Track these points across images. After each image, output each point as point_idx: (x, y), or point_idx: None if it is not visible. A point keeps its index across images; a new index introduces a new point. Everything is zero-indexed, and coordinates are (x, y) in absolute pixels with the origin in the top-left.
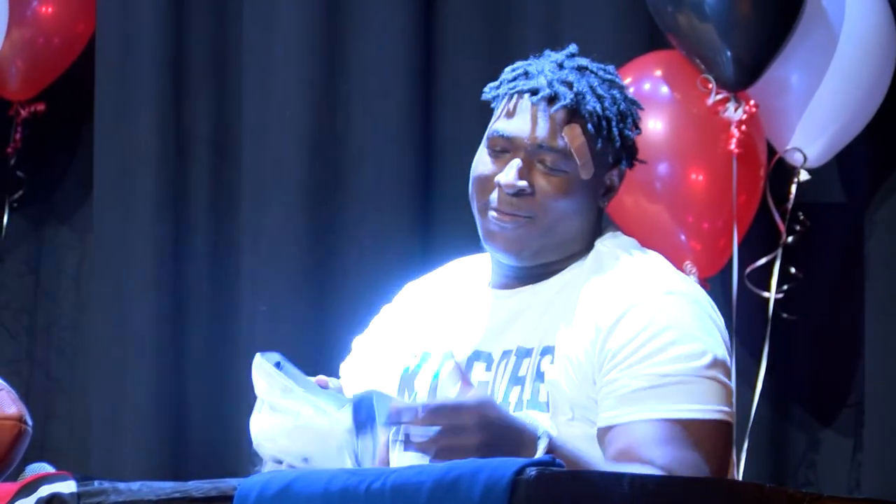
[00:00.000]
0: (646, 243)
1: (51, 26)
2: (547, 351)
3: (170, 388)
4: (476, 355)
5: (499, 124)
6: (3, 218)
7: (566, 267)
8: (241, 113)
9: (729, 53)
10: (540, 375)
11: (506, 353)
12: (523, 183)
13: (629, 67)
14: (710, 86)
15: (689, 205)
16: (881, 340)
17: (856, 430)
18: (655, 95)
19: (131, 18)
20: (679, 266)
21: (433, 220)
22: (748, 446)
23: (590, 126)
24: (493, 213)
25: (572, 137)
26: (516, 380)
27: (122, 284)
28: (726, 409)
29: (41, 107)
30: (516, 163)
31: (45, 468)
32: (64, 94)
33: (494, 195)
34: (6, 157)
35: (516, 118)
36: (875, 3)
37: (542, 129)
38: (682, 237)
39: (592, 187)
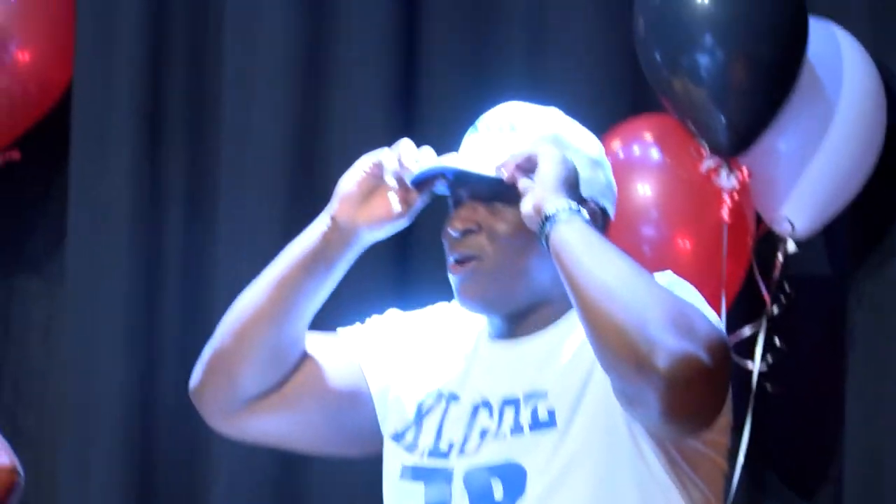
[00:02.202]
0: None
1: (28, 74)
2: (540, 395)
3: (140, 444)
4: (482, 403)
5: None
6: None
7: (563, 315)
8: (218, 165)
9: (723, 119)
10: (536, 418)
11: (507, 402)
12: (467, 224)
13: (619, 130)
14: (704, 152)
15: (677, 271)
16: (862, 414)
17: None
18: (645, 159)
19: (109, 68)
20: None
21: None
22: None
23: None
24: (449, 269)
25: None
26: (517, 426)
27: (94, 336)
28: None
29: (16, 155)
30: (460, 209)
31: None
32: (38, 142)
33: (446, 247)
34: None
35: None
36: (867, 77)
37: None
38: None
39: None
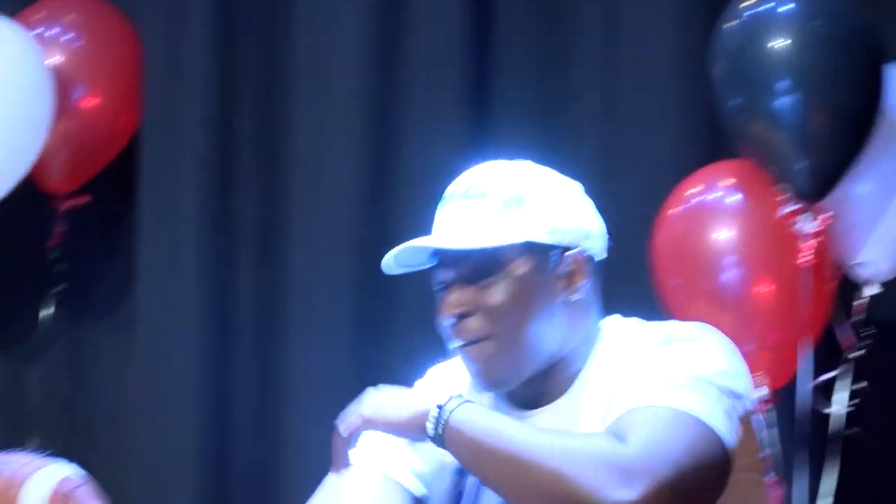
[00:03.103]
0: None
1: (96, 118)
2: None
3: (214, 489)
4: None
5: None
6: (43, 311)
7: (575, 377)
8: (289, 203)
9: (804, 164)
10: None
11: None
12: (459, 308)
13: (700, 175)
14: (784, 196)
15: (758, 315)
16: None
17: None
18: (725, 205)
19: (177, 111)
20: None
21: None
22: None
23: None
24: (460, 353)
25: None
26: None
27: (165, 380)
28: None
29: (84, 199)
30: (449, 293)
31: None
32: (107, 186)
33: (446, 337)
34: (48, 250)
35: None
36: None
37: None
38: (750, 348)
39: (543, 283)
